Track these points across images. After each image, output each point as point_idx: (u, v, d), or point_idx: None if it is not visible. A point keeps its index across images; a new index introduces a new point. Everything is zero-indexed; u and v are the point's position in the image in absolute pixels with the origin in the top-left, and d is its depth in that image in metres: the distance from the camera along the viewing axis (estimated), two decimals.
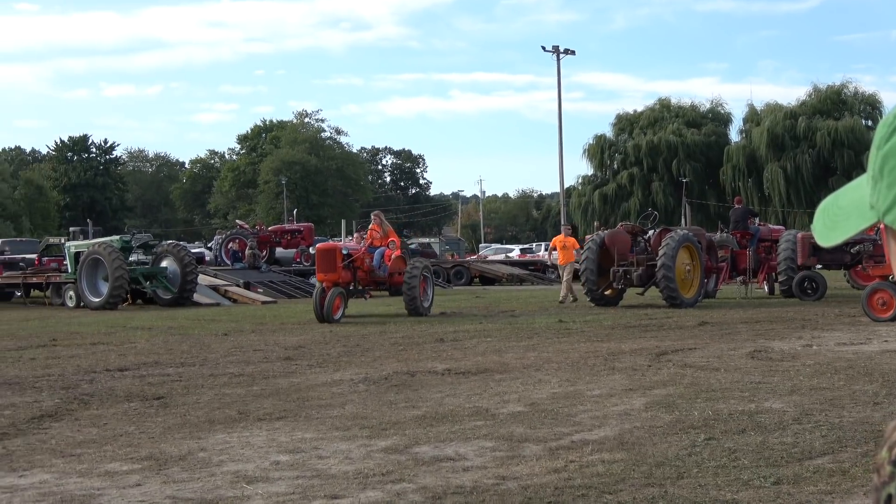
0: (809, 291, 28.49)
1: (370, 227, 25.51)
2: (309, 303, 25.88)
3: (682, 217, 79.71)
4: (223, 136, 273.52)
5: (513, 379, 12.28)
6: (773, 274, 31.13)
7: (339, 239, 45.82)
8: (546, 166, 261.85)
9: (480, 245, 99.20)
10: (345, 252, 24.28)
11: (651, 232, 27.92)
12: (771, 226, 34.86)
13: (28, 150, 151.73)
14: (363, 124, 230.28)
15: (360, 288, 25.10)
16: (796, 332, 18.38)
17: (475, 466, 7.41)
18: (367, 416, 9.72)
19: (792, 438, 8.19)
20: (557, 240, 31.25)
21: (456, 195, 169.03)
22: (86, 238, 42.64)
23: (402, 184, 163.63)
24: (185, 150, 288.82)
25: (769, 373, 12.34)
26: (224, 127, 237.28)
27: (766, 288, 32.43)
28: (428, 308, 25.10)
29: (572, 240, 31.43)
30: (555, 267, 31.46)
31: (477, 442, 8.32)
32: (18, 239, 57.98)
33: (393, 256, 24.75)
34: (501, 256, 63.50)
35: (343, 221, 48.03)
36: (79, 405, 10.79)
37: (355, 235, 26.57)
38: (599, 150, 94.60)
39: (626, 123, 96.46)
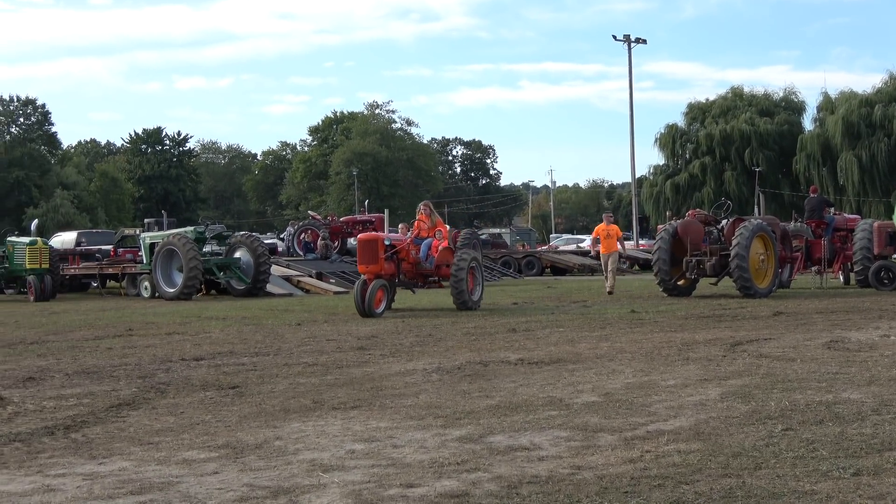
0: (886, 281, 28.14)
1: (417, 217, 24.70)
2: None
3: (756, 206, 78.93)
4: (294, 128, 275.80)
5: (586, 369, 12.23)
6: (849, 263, 30.78)
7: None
8: (617, 156, 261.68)
9: (551, 235, 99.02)
10: (387, 243, 23.27)
11: (724, 221, 27.69)
12: (846, 215, 34.46)
13: (103, 142, 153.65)
14: (433, 115, 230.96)
15: (406, 280, 24.11)
16: (873, 322, 18.15)
17: (550, 456, 7.39)
18: (440, 405, 9.73)
19: (871, 429, 8.08)
20: (600, 229, 30.56)
21: (526, 185, 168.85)
22: (160, 229, 43.06)
23: (472, 174, 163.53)
24: (257, 141, 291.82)
25: (846, 363, 12.19)
26: (295, 118, 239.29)
27: (841, 278, 32.09)
28: (477, 302, 23.85)
29: (615, 228, 30.62)
30: (598, 257, 30.45)
31: (551, 431, 8.30)
32: (94, 230, 58.80)
33: (440, 248, 23.82)
34: (572, 247, 63.36)
35: (386, 210, 47.58)
36: (156, 394, 10.90)
37: (401, 226, 25.52)
38: (671, 140, 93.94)
39: (697, 112, 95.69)
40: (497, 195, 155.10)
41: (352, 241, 45.26)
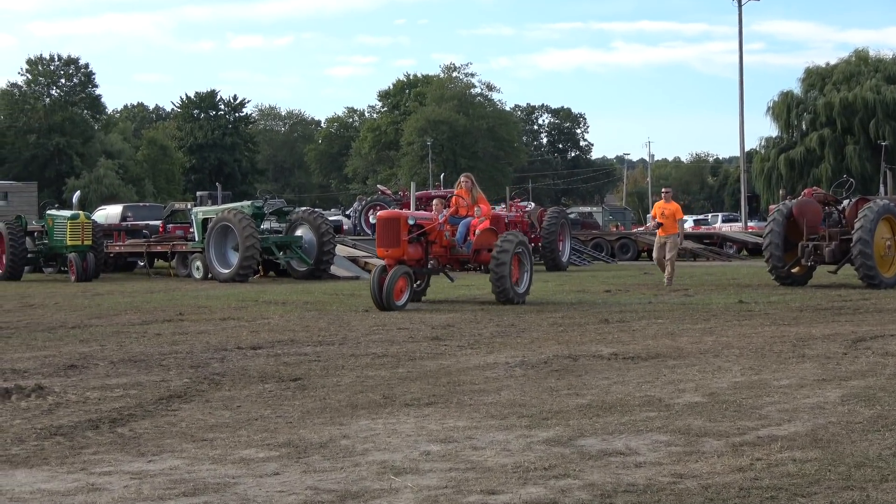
0: None
1: (456, 192, 23.57)
2: (461, 277, 25.57)
3: (882, 185, 78.06)
4: (361, 92, 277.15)
5: (688, 365, 12.19)
6: None
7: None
8: (723, 127, 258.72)
9: (648, 215, 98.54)
10: (411, 222, 21.55)
11: (846, 202, 27.38)
12: None
13: (151, 106, 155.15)
14: (515, 79, 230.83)
15: (439, 267, 22.92)
16: None
17: (648, 462, 7.37)
18: (525, 403, 9.75)
19: None
20: (658, 206, 29.22)
21: (621, 159, 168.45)
22: (214, 203, 43.46)
23: (560, 146, 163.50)
24: (321, 107, 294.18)
25: None
26: (362, 82, 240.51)
27: None
28: (523, 294, 22.25)
29: (674, 206, 28.96)
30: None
31: (650, 435, 8.28)
32: (141, 204, 59.59)
33: (477, 230, 22.45)
34: None
35: (413, 184, 47.20)
36: (209, 385, 11.02)
37: (436, 202, 23.62)
38: (786, 109, 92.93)
39: (816, 78, 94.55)
40: (588, 169, 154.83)
41: None
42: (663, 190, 30.25)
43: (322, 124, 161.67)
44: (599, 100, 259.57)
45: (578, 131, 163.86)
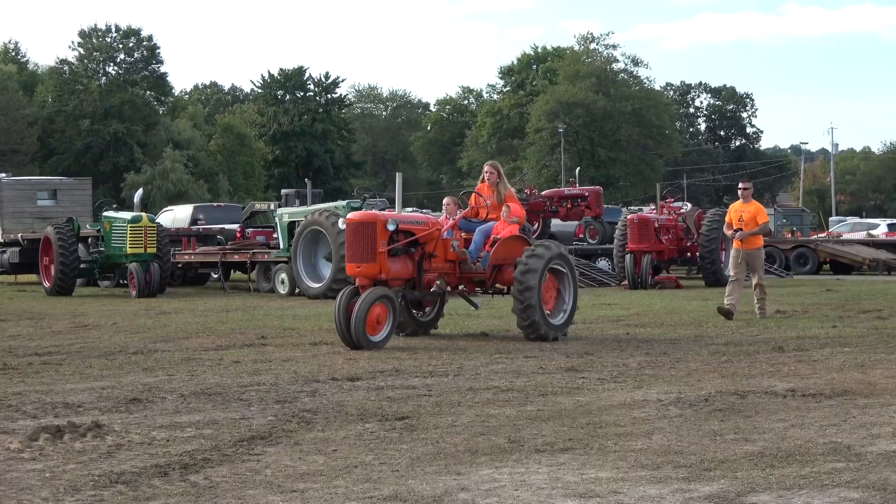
0: None
1: (477, 187, 21.15)
2: (600, 294, 25.31)
3: None
4: (478, 69, 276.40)
5: (883, 405, 12.07)
6: None
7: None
8: None
9: (831, 219, 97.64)
10: (391, 227, 18.89)
11: None
12: None
13: (227, 87, 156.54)
14: (663, 52, 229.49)
15: (449, 289, 20.08)
16: None
17: None
18: (682, 450, 9.71)
19: None
20: (734, 210, 25.55)
21: (797, 149, 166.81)
22: (302, 203, 43.76)
23: (721, 133, 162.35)
24: (429, 87, 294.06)
25: None
26: (478, 56, 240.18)
27: None
28: (561, 327, 19.76)
29: (755, 206, 25.41)
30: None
31: (836, 491, 8.22)
32: (215, 204, 60.12)
33: (497, 239, 19.81)
34: (861, 235, 62.34)
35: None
36: (298, 425, 11.10)
37: (448, 201, 21.00)
38: None
39: None
40: (756, 162, 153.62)
41: (560, 224, 45.20)
42: (740, 186, 26.58)
43: (431, 108, 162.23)
44: (770, 77, 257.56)
45: (744, 115, 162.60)
